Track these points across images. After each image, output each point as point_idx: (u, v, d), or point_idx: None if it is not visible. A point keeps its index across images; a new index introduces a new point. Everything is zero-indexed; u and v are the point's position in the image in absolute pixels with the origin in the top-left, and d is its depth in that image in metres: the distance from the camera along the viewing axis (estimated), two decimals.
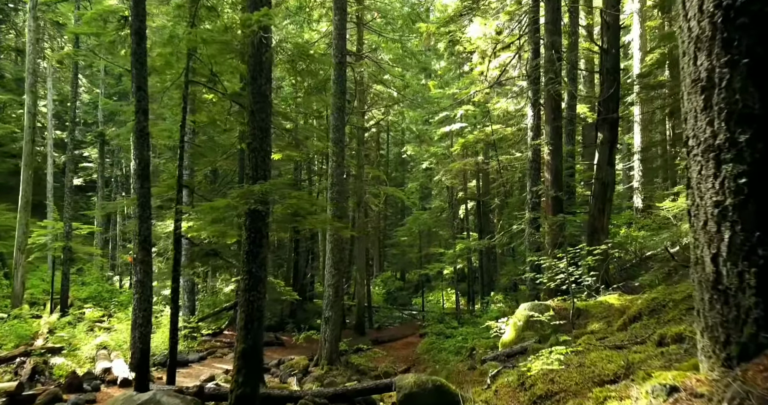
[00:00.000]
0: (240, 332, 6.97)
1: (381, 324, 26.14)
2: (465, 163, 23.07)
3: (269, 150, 7.36)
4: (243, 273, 7.12)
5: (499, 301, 28.58)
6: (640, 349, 3.88)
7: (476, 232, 26.51)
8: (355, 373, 14.87)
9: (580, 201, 18.68)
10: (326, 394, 8.43)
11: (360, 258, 22.26)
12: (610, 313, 8.08)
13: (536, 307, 8.88)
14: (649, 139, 25.37)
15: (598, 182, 12.76)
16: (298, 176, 27.35)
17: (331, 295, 14.61)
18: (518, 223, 15.08)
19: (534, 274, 11.06)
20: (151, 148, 12.54)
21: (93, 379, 11.42)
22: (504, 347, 9.11)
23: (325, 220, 7.57)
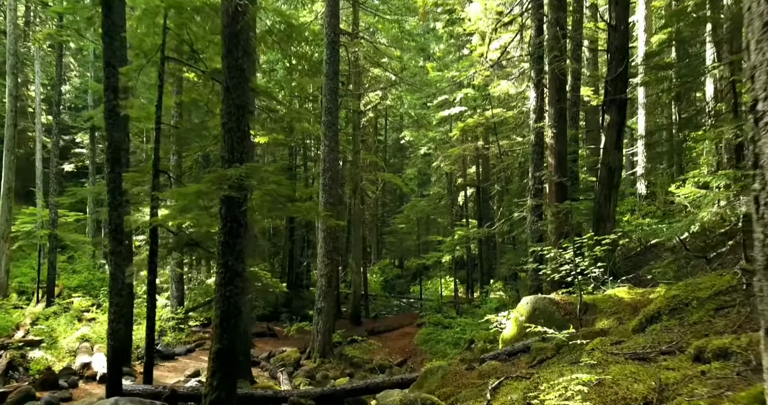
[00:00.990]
0: (215, 331, 6.34)
1: (378, 313, 25.59)
2: (464, 148, 22.35)
3: (247, 130, 6.67)
4: (219, 266, 6.47)
5: (499, 289, 28.06)
6: (671, 363, 3.25)
7: (476, 219, 25.87)
8: (349, 366, 14.32)
9: (583, 187, 18.01)
10: (313, 394, 7.83)
11: (356, 246, 21.63)
12: (620, 308, 7.45)
13: (539, 301, 8.25)
14: (654, 123, 24.65)
15: (605, 167, 12.07)
16: (293, 162, 26.65)
17: (324, 285, 14.00)
18: (519, 211, 14.43)
19: (536, 264, 10.42)
20: (127, 130, 11.84)
21: (71, 375, 10.85)
22: (505, 344, 8.49)
23: (309, 207, 6.91)
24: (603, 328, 6.76)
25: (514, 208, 18.31)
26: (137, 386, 8.19)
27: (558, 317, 7.89)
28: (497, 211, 25.95)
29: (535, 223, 12.51)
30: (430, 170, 30.39)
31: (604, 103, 12.09)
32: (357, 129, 21.50)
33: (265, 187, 6.16)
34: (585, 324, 7.40)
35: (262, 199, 6.59)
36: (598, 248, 8.19)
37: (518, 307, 8.57)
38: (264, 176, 6.53)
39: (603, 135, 12.07)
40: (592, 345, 4.86)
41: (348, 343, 16.51)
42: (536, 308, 8.15)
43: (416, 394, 5.51)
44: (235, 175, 6.11)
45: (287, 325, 17.95)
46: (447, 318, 19.31)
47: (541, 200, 12.83)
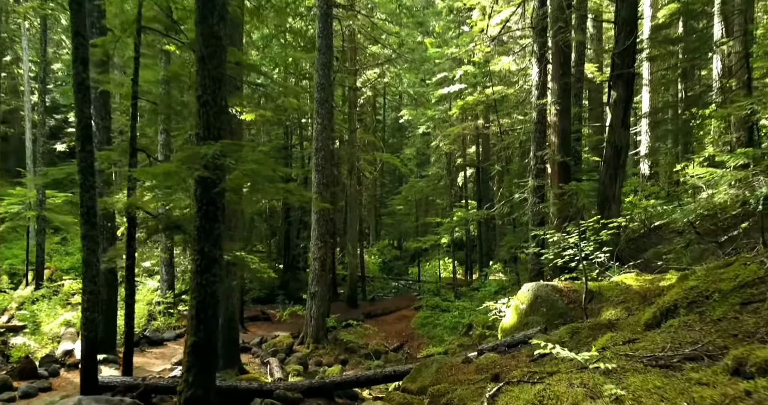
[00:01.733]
0: (191, 323, 5.85)
1: (375, 295, 25.24)
2: (464, 126, 21.72)
3: (224, 104, 6.08)
4: (194, 252, 5.95)
5: (498, 271, 27.66)
6: (702, 375, 2.74)
7: (475, 200, 25.35)
8: (344, 351, 13.93)
9: (586, 168, 17.43)
10: (300, 387, 7.39)
11: (352, 228, 21.14)
12: (628, 297, 6.96)
13: (541, 288, 7.76)
14: (659, 102, 23.96)
15: (610, 146, 11.49)
16: (288, 141, 26.03)
17: (317, 268, 13.53)
18: (520, 192, 13.89)
19: (538, 249, 9.91)
20: (108, 107, 11.24)
21: (52, 363, 10.44)
22: (504, 333, 8.03)
23: (295, 189, 6.37)
24: (610, 319, 6.27)
25: (515, 189, 17.77)
26: (115, 378, 7.75)
27: (561, 306, 7.41)
28: (497, 192, 25.39)
29: (537, 204, 11.99)
30: (429, 150, 29.73)
31: (610, 78, 11.45)
32: (353, 107, 20.84)
33: (243, 167, 5.61)
34: (590, 314, 6.91)
35: (242, 180, 6.04)
36: (605, 232, 7.69)
37: (519, 295, 8.08)
38: (242, 155, 5.97)
39: (609, 112, 11.47)
40: (602, 342, 4.36)
41: (343, 327, 16.11)
42: (538, 296, 7.66)
43: None
44: (209, 154, 5.55)
45: (279, 309, 17.51)
46: (445, 301, 18.91)
47: (543, 181, 12.29)
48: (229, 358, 10.53)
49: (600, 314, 6.81)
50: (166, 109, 8.92)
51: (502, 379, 5.49)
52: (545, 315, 7.41)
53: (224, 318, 10.50)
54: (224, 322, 10.49)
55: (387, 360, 13.42)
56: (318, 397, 7.42)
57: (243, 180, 6.00)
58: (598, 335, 5.70)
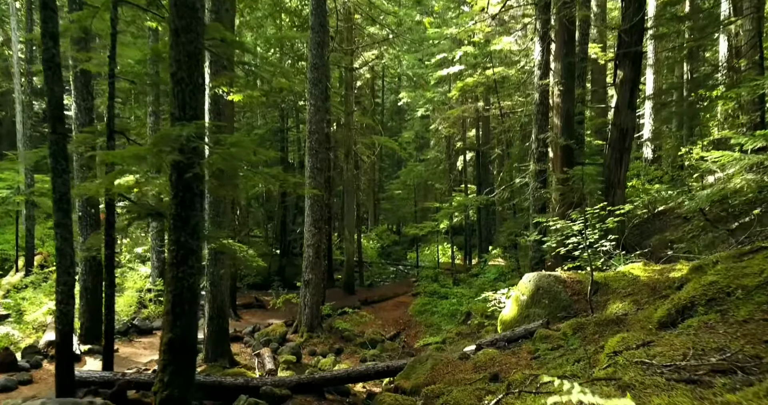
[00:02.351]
0: (166, 318, 5.42)
1: (373, 281, 24.88)
2: (464, 109, 21.15)
3: (201, 82, 5.58)
4: (170, 243, 5.51)
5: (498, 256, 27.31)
6: (740, 398, 2.31)
7: (475, 184, 24.88)
8: (339, 340, 13.58)
9: (589, 151, 16.93)
10: (289, 383, 7.00)
11: (349, 213, 20.69)
12: (636, 289, 6.53)
13: (543, 278, 7.33)
14: (663, 83, 23.36)
15: (616, 128, 11.00)
16: (284, 124, 25.46)
17: (311, 255, 13.11)
18: (521, 176, 13.41)
19: (540, 236, 9.47)
20: (90, 87, 10.72)
21: (35, 354, 10.06)
22: (504, 326, 7.62)
23: (276, 174, 5.89)
24: (618, 313, 5.84)
25: (515, 173, 17.32)
26: (94, 373, 7.36)
27: (564, 298, 6.99)
28: (497, 176, 24.90)
29: (538, 190, 11.52)
30: (429, 134, 29.15)
31: (616, 56, 10.92)
32: (350, 89, 20.25)
33: (220, 150, 5.13)
34: (596, 307, 6.50)
35: (221, 164, 5.58)
36: (611, 219, 7.24)
37: (519, 285, 7.66)
38: (219, 137, 5.49)
39: (615, 92, 10.96)
40: (613, 345, 3.93)
41: (339, 315, 15.76)
42: (540, 287, 7.24)
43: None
44: (183, 136, 5.08)
45: (273, 297, 17.13)
46: (443, 287, 18.56)
47: (544, 165, 11.81)
48: (218, 348, 10.18)
49: (606, 307, 6.39)
50: (153, 89, 8.39)
51: (501, 379, 5.09)
52: (547, 307, 7.00)
53: (213, 307, 10.12)
54: (213, 311, 10.12)
55: (383, 349, 13.08)
56: (307, 394, 7.04)
57: (221, 164, 5.52)
58: (606, 332, 5.29)
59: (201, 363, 10.14)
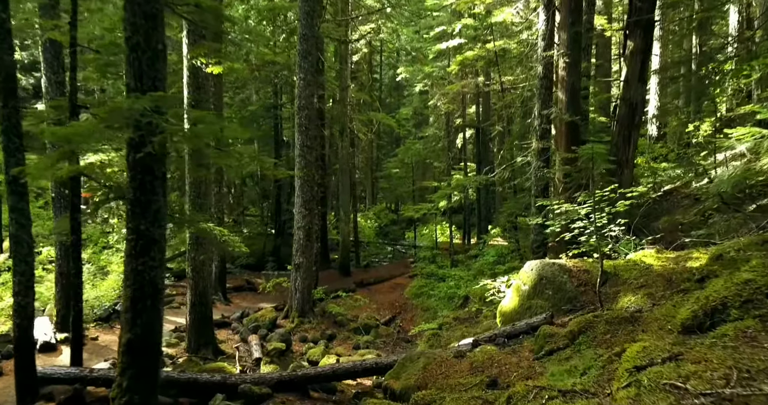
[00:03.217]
0: (125, 316, 4.84)
1: (370, 261, 24.36)
2: (463, 84, 20.33)
3: (161, 48, 4.89)
4: (128, 231, 4.89)
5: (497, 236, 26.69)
6: None
7: (474, 163, 24.19)
8: (332, 325, 13.07)
9: (593, 128, 16.19)
10: (269, 380, 6.45)
11: (344, 192, 20.04)
12: (650, 280, 5.93)
13: (547, 267, 6.73)
14: (670, 57, 22.51)
15: (625, 103, 10.30)
16: (277, 100, 24.61)
17: (302, 238, 12.52)
18: (523, 155, 12.74)
19: (543, 220, 8.84)
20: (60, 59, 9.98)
21: (7, 343, 9.51)
22: (503, 318, 7.05)
23: (252, 154, 5.18)
24: (631, 308, 5.25)
25: (517, 151, 16.63)
26: (59, 369, 6.81)
27: (570, 289, 6.40)
28: (497, 154, 24.17)
29: (541, 169, 10.87)
30: (428, 110, 28.32)
31: (627, 25, 10.15)
32: (344, 63, 19.41)
33: (173, 128, 4.46)
34: (605, 299, 5.90)
35: (187, 143, 4.92)
36: (622, 203, 6.60)
37: (521, 274, 7.06)
38: (181, 111, 4.82)
39: (624, 64, 10.23)
40: (633, 356, 3.33)
41: (332, 298, 15.24)
42: (543, 276, 6.64)
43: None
44: (137, 110, 4.41)
45: (264, 280, 16.56)
46: (441, 269, 18.02)
47: (548, 143, 11.13)
48: (202, 337, 9.65)
49: (617, 301, 5.80)
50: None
51: (501, 386, 4.51)
52: (551, 299, 6.42)
53: (195, 294, 9.57)
54: (195, 298, 9.57)
55: (377, 335, 12.58)
56: (290, 392, 6.51)
57: (186, 143, 4.87)
58: (618, 332, 4.69)
59: (183, 353, 9.64)
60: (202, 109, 9.34)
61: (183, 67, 9.14)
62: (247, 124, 25.72)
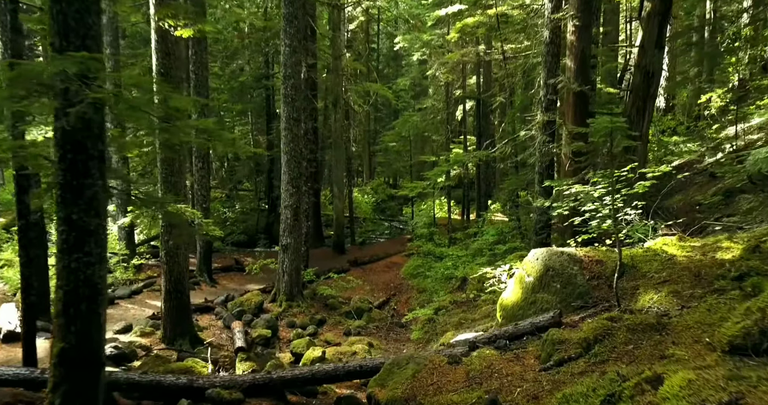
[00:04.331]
0: (56, 322, 4.08)
1: (366, 238, 23.65)
2: (463, 53, 19.23)
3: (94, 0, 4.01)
4: (58, 221, 4.10)
5: (497, 211, 25.88)
6: None
7: (474, 136, 23.25)
8: (322, 308, 12.40)
9: (600, 100, 15.23)
10: (241, 384, 5.74)
11: (338, 167, 19.19)
12: (674, 274, 5.16)
13: (554, 257, 5.95)
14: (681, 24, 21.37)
15: (640, 72, 9.39)
16: (269, 70, 23.51)
17: (289, 217, 11.74)
18: (526, 129, 11.85)
19: (550, 201, 8.01)
20: None
21: None
22: (504, 312, 6.30)
23: (208, 128, 4.39)
24: (654, 310, 4.49)
25: (519, 125, 15.71)
26: (7, 369, 6.08)
27: (580, 282, 5.63)
28: (498, 127, 23.21)
29: (546, 144, 10.00)
30: (427, 81, 27.20)
31: None
32: (337, 30, 18.32)
33: (96, 94, 3.61)
34: (622, 295, 5.14)
35: (124, 114, 4.07)
36: (641, 184, 5.78)
37: (524, 263, 6.28)
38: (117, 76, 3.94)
39: (641, 28, 9.27)
40: (673, 396, 2.56)
41: (324, 279, 14.56)
42: (550, 267, 5.87)
43: None
44: (55, 74, 3.55)
45: (251, 262, 15.84)
46: (438, 247, 17.30)
47: (553, 115, 10.24)
48: (178, 326, 8.94)
49: (636, 298, 5.03)
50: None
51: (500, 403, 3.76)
52: (559, 293, 5.66)
53: (170, 280, 8.83)
54: (170, 285, 8.83)
55: (370, 319, 11.92)
56: (264, 396, 5.80)
57: (123, 115, 4.02)
58: (643, 343, 3.93)
59: (158, 343, 8.95)
60: (173, 78, 8.46)
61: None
62: (238, 95, 24.71)
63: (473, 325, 10.12)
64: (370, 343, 9.93)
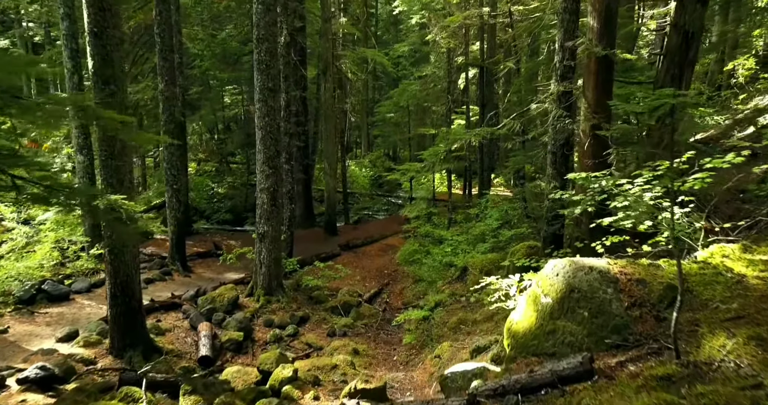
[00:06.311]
0: None
1: (362, 216, 22.31)
2: (466, 15, 17.47)
3: None
4: None
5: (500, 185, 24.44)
6: None
7: (477, 106, 21.59)
8: (306, 302, 11.12)
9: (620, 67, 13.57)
10: None
11: (328, 141, 17.67)
12: (748, 305, 3.79)
13: (580, 272, 4.54)
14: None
15: (677, 32, 7.81)
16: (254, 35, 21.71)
17: (266, 202, 10.35)
18: (537, 100, 10.30)
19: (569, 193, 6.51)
20: None
21: None
22: (514, 342, 4.93)
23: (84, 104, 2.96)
24: (730, 367, 3.11)
25: (525, 95, 14.11)
26: None
27: (618, 312, 4.24)
28: (503, 96, 21.54)
29: (562, 119, 8.48)
30: (427, 47, 25.36)
31: None
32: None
33: None
34: (683, 339, 3.75)
35: None
36: (698, 179, 4.34)
37: (540, 278, 4.88)
38: None
39: None
40: None
41: (311, 266, 13.24)
42: (574, 287, 4.48)
43: None
44: None
45: (232, 244, 14.50)
46: (437, 228, 15.91)
47: (570, 85, 8.69)
48: (128, 335, 7.64)
49: (698, 342, 3.64)
50: None
51: None
52: (587, 324, 4.28)
53: (115, 284, 7.48)
54: (116, 288, 7.49)
55: (358, 316, 10.66)
56: None
57: None
58: None
59: (105, 355, 7.67)
60: (110, 38, 6.94)
61: None
62: (225, 62, 22.98)
63: (474, 329, 8.80)
64: (356, 350, 8.66)
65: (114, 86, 7.05)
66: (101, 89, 6.98)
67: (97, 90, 6.95)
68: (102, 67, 6.94)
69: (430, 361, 7.71)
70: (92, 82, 6.99)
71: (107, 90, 7.01)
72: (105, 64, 6.95)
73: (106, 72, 6.97)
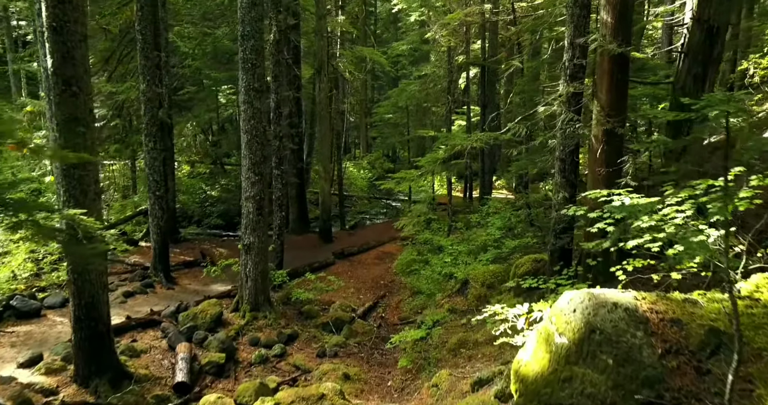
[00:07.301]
0: None
1: (359, 220, 21.60)
2: (467, 12, 16.75)
3: None
4: None
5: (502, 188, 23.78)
6: None
7: (479, 106, 20.89)
8: (295, 318, 10.42)
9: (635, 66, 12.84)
10: None
11: (323, 143, 16.97)
12: None
13: (602, 310, 3.81)
14: None
15: (699, 27, 7.12)
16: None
17: (251, 211, 9.66)
18: (544, 101, 9.59)
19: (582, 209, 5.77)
20: None
21: None
22: (523, 387, 4.20)
23: None
24: None
25: (535, 95, 13.39)
26: None
27: (649, 361, 3.52)
28: (504, 97, 20.83)
29: (572, 123, 7.77)
30: (428, 46, 24.63)
31: None
32: None
33: None
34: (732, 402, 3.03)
35: None
36: (743, 197, 3.66)
37: (555, 314, 4.16)
38: None
39: None
40: None
41: (302, 277, 12.53)
42: (595, 328, 3.76)
43: None
44: None
45: (220, 254, 13.76)
46: (436, 235, 15.19)
47: (581, 85, 7.98)
48: (94, 361, 6.95)
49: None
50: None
51: None
52: (611, 374, 3.57)
53: (80, 305, 6.80)
54: (80, 311, 6.80)
55: (351, 333, 9.96)
56: None
57: None
58: None
59: (69, 382, 6.97)
60: (71, 34, 6.25)
61: None
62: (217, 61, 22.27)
63: (475, 352, 8.07)
64: (347, 375, 7.96)
65: (76, 87, 6.36)
66: (62, 90, 6.30)
67: (57, 91, 6.26)
68: (62, 66, 6.26)
69: (427, 390, 7.00)
70: (51, 82, 6.30)
71: (68, 91, 6.33)
72: (65, 62, 6.27)
73: (67, 71, 6.29)
